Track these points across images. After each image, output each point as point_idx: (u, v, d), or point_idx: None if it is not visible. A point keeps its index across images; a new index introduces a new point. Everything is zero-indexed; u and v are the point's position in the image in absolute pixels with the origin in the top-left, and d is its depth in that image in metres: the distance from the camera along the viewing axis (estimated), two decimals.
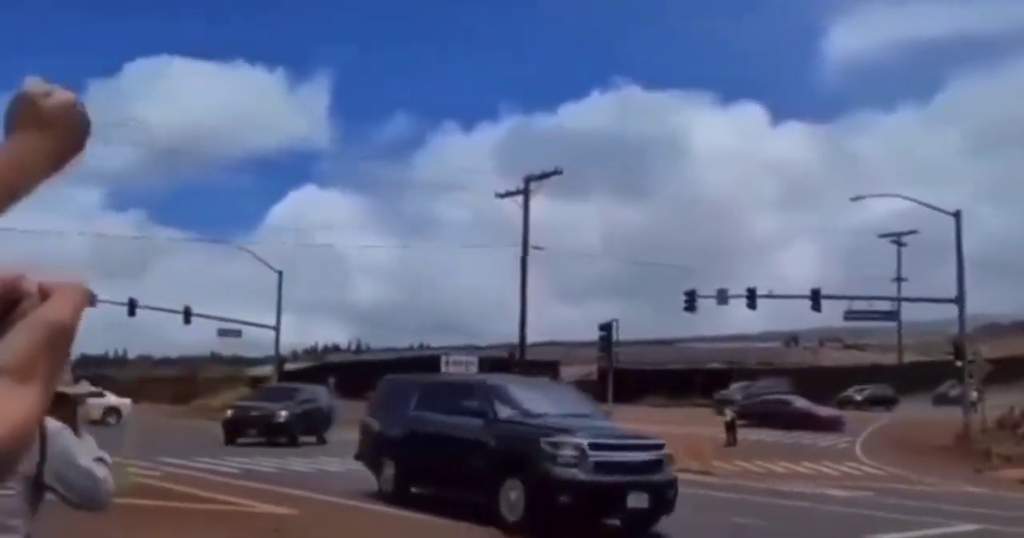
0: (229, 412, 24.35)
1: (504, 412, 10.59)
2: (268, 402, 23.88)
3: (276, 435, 22.52)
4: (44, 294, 0.62)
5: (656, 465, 10.28)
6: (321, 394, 26.25)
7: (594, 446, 9.74)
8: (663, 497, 9.87)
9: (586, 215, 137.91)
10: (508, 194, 47.00)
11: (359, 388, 42.87)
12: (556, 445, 9.68)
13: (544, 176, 45.89)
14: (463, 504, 10.28)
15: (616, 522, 10.32)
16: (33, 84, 0.78)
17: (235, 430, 22.74)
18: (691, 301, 32.95)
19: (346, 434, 28.87)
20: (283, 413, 22.85)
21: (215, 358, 77.09)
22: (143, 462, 15.51)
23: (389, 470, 11.87)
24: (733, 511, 12.64)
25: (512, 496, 9.62)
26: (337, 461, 18.48)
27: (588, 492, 9.46)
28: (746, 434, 28.21)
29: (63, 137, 0.79)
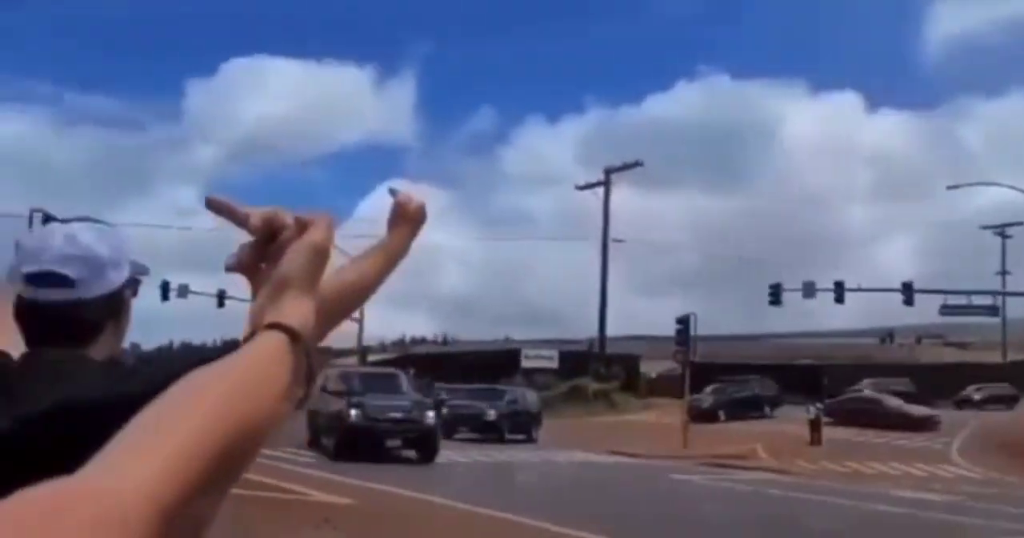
0: None
1: None
2: None
3: None
4: (300, 225, 0.79)
5: None
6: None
7: None
8: None
9: (672, 207, 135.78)
10: (588, 186, 46.58)
11: (438, 379, 43.29)
12: None
13: (625, 167, 45.32)
14: None
15: None
16: (401, 195, 1.12)
17: None
18: (776, 295, 31.89)
19: None
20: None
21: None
22: None
23: None
24: (805, 514, 12.01)
25: None
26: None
27: None
28: (833, 433, 27.12)
29: (416, 231, 1.12)
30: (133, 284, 1.44)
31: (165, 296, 36.74)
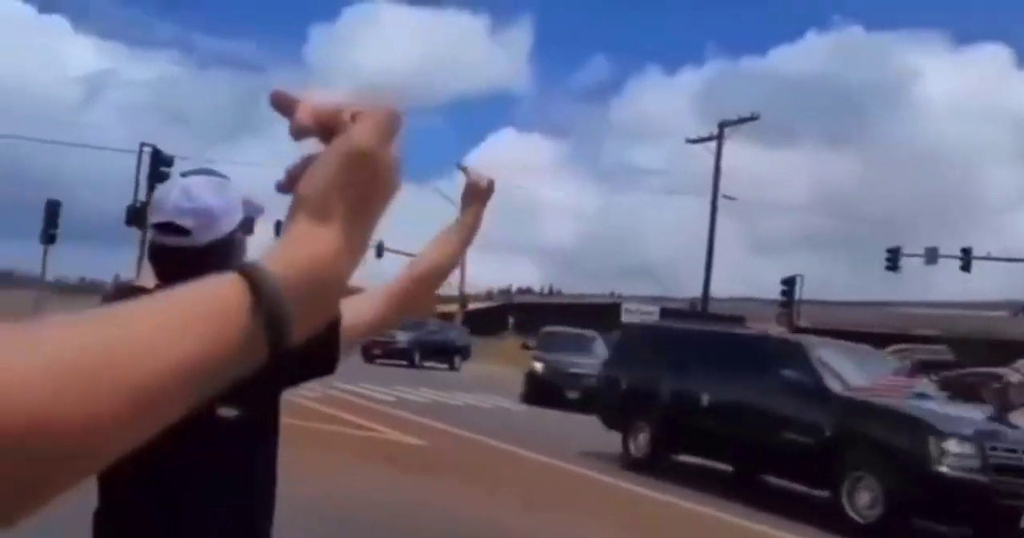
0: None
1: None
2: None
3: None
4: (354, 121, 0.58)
5: None
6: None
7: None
8: None
9: (791, 164, 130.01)
10: (700, 140, 44.90)
11: (538, 329, 43.29)
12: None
13: (740, 121, 43.38)
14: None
15: None
16: (473, 173, 1.62)
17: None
18: (894, 259, 30.16)
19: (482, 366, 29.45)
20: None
21: None
22: (312, 385, 16.40)
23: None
24: None
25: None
26: (494, 398, 18.71)
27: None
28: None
29: (486, 202, 1.56)
30: (247, 224, 1.56)
31: (278, 233, 38.02)
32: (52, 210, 25.87)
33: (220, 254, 1.44)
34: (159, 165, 16.38)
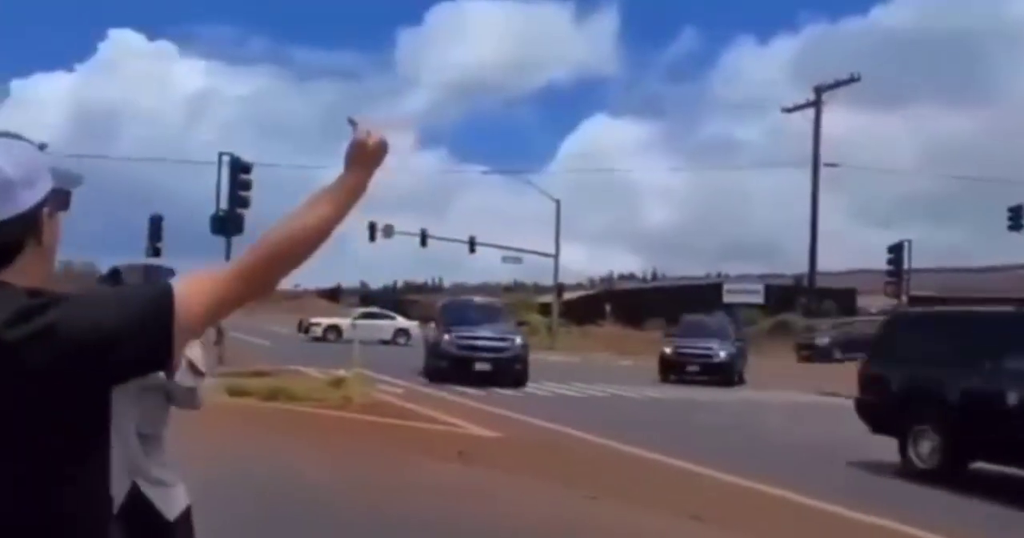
0: None
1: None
2: None
3: None
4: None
5: None
6: None
7: None
8: None
9: (899, 126, 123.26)
10: (797, 108, 42.99)
11: (637, 316, 42.53)
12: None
13: (838, 85, 41.28)
14: None
15: None
16: (360, 131, 1.41)
17: None
18: (1017, 217, 28.05)
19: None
20: None
21: (516, 286, 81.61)
22: (397, 379, 16.49)
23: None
24: None
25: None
26: (583, 387, 18.36)
27: None
28: None
29: (376, 165, 1.43)
30: (57, 197, 1.29)
31: (372, 236, 38.80)
32: (156, 224, 26.97)
33: (18, 232, 1.25)
34: (239, 172, 16.75)
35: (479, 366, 17.39)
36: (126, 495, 2.52)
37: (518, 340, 18.26)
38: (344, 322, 32.90)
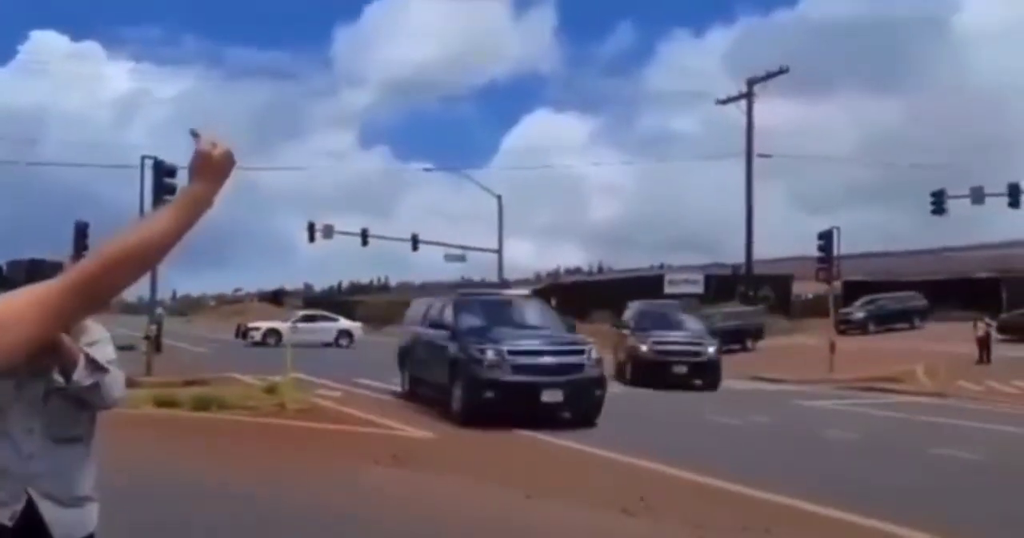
0: None
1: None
2: None
3: None
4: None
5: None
6: None
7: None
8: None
9: (831, 115, 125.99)
10: (730, 100, 43.71)
11: (583, 307, 42.83)
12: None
13: (769, 77, 42.02)
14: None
15: None
16: (204, 141, 1.41)
17: None
18: (939, 202, 28.87)
19: None
20: None
21: (464, 283, 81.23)
22: (337, 383, 16.22)
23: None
24: (932, 440, 10.55)
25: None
26: None
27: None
28: (1010, 351, 24.45)
29: (223, 177, 1.42)
30: None
31: (312, 237, 38.23)
32: (81, 231, 26.06)
33: None
34: (163, 176, 16.29)
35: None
36: (20, 510, 2.28)
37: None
38: (284, 326, 32.32)
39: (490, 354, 11.39)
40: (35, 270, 2.45)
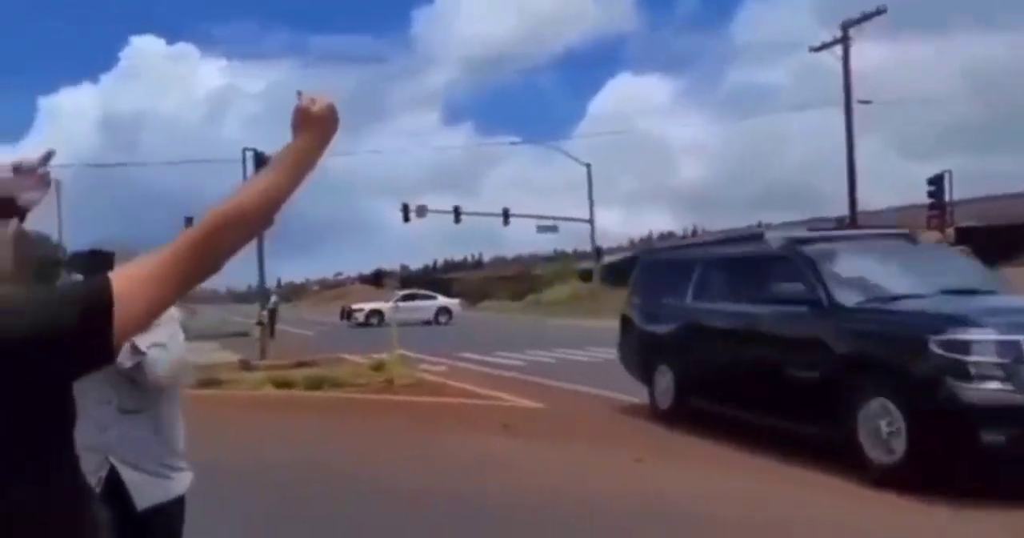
0: None
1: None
2: None
3: None
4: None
5: None
6: None
7: None
8: None
9: (932, 55, 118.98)
10: (824, 46, 41.85)
11: None
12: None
13: (865, 18, 40.02)
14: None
15: None
16: (304, 98, 1.40)
17: None
18: None
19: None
20: None
21: (557, 255, 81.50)
22: (440, 358, 16.50)
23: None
24: None
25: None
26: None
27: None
28: None
29: (325, 132, 1.41)
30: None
31: (406, 217, 38.81)
32: (189, 226, 27.25)
33: None
34: (261, 167, 16.76)
35: None
36: (105, 476, 2.51)
37: None
38: (386, 306, 33.06)
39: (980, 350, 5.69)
40: (96, 260, 2.55)
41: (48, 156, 1.90)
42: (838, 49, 40.53)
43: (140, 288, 1.26)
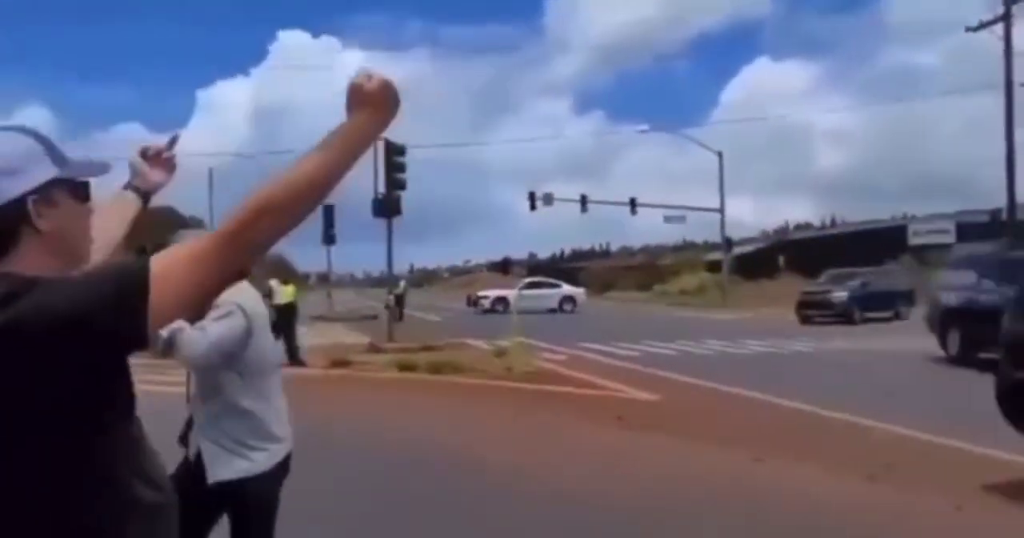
0: None
1: None
2: None
3: None
4: None
5: None
6: None
7: None
8: None
9: None
10: (983, 25, 38.94)
11: (815, 266, 40.57)
12: None
13: None
14: None
15: None
16: (360, 75, 1.32)
17: None
18: None
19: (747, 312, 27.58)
20: None
21: (686, 245, 79.97)
22: (562, 347, 16.56)
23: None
24: None
25: None
26: (753, 343, 17.67)
27: None
28: None
29: (383, 109, 1.32)
30: (64, 187, 1.32)
31: (532, 205, 39.04)
32: (328, 213, 28.42)
33: (4, 221, 1.25)
34: (393, 155, 17.29)
35: None
36: (196, 451, 2.77)
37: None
38: (511, 293, 33.44)
39: None
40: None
41: (174, 140, 1.98)
42: (998, 28, 37.65)
43: (181, 271, 1.21)
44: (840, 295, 24.43)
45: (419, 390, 11.11)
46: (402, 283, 26.99)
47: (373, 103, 1.32)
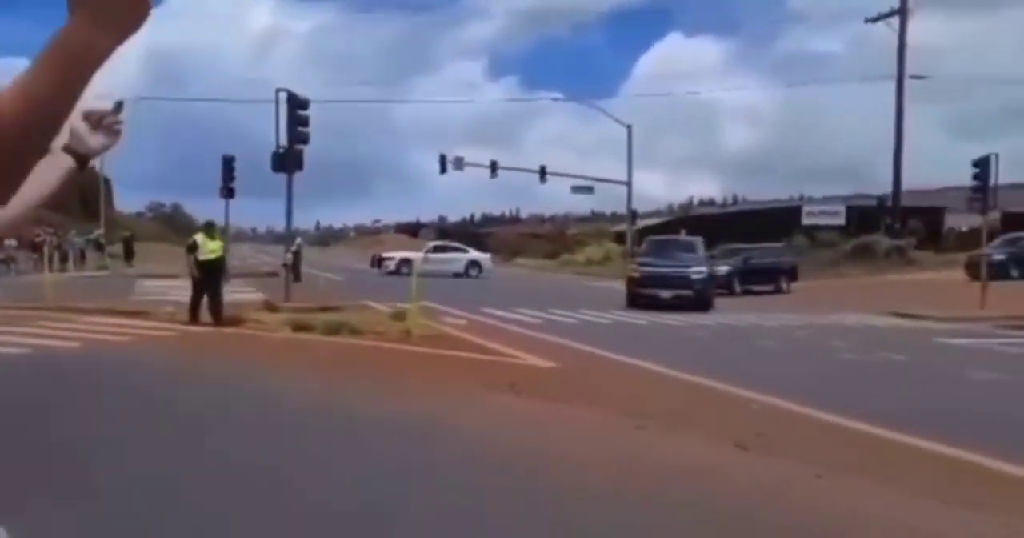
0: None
1: None
2: None
3: None
4: None
5: None
6: None
7: None
8: None
9: (996, 31, 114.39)
10: (880, 17, 40.52)
11: (714, 242, 41.90)
12: None
13: None
14: None
15: None
16: None
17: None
18: None
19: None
20: None
21: (594, 216, 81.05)
22: (464, 312, 16.59)
23: None
24: None
25: None
26: (635, 313, 18.15)
27: None
28: None
29: (115, 16, 0.90)
30: None
31: (443, 169, 38.78)
32: (228, 165, 27.40)
33: None
34: (296, 109, 16.80)
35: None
36: None
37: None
38: (417, 256, 33.30)
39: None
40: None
41: (119, 106, 1.88)
42: (894, 21, 39.26)
43: None
44: (722, 269, 25.67)
45: (310, 352, 10.96)
46: (298, 240, 26.33)
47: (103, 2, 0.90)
